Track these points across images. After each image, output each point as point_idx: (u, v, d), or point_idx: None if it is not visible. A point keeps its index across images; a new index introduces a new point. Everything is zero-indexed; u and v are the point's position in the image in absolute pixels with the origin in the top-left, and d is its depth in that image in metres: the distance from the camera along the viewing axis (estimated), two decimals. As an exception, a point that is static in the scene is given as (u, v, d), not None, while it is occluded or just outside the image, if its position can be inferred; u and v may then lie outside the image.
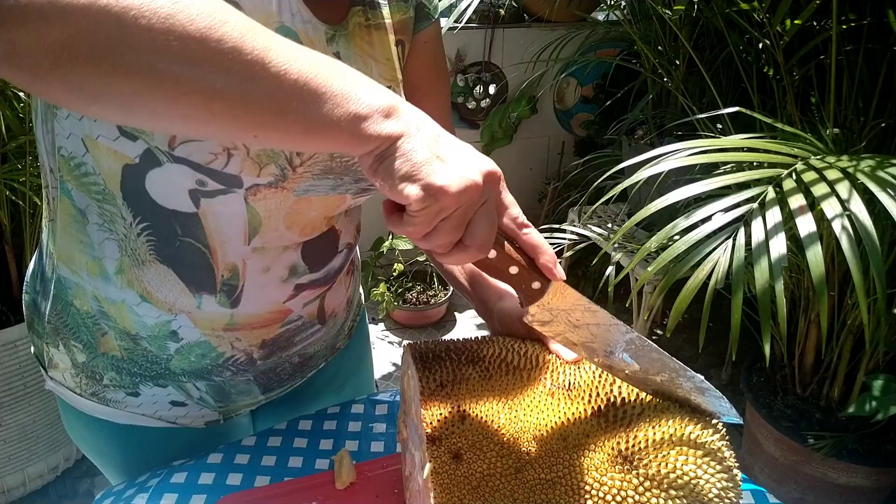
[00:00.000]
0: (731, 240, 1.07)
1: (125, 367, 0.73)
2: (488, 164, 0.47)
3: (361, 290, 0.98)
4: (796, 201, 1.02)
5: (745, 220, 1.07)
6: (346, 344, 0.93)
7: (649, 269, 1.16)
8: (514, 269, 0.51)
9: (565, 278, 0.53)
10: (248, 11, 0.57)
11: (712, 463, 0.52)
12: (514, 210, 0.51)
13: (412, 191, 0.43)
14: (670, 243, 1.10)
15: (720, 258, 1.07)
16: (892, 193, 0.97)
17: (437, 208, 0.44)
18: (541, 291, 0.53)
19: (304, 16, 0.62)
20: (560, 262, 0.54)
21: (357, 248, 0.85)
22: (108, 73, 0.37)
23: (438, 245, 0.47)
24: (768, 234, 1.02)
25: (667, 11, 1.75)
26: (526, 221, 0.51)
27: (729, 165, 1.30)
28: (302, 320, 0.77)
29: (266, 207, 0.65)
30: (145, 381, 0.74)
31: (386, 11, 0.71)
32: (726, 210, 1.09)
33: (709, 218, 1.10)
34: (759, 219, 1.05)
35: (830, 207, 0.98)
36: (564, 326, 0.54)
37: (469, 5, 1.70)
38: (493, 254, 0.50)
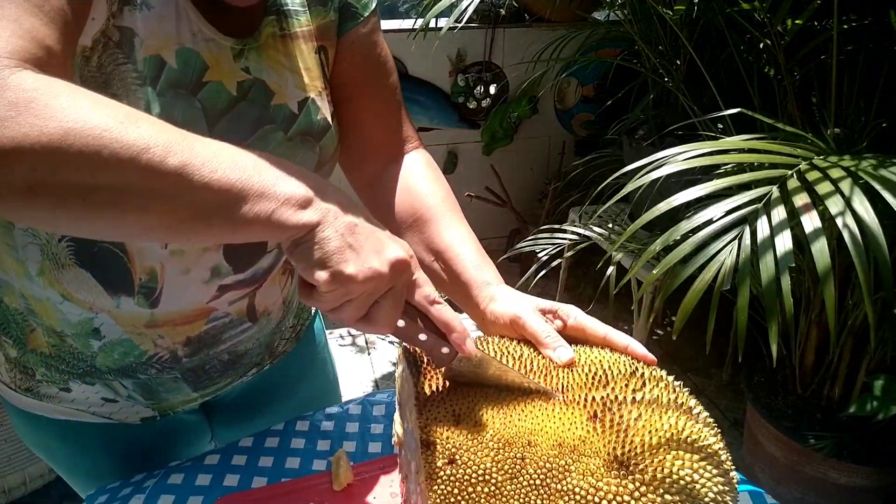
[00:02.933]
0: (737, 241, 1.07)
1: (53, 363, 0.74)
2: (398, 253, 0.50)
3: None
4: (801, 199, 1.02)
5: (749, 220, 1.07)
6: (292, 347, 0.91)
7: (654, 272, 1.16)
8: (423, 336, 0.55)
9: (475, 353, 0.55)
10: (145, 36, 0.57)
11: (709, 467, 0.52)
12: (427, 289, 0.54)
13: (322, 276, 0.48)
14: (674, 245, 1.10)
15: (726, 259, 1.07)
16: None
17: (342, 292, 0.48)
18: (450, 356, 0.55)
19: (206, 34, 0.61)
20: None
21: None
22: (46, 207, 0.41)
23: (342, 319, 0.51)
24: (773, 232, 1.03)
25: (667, 11, 1.75)
26: (437, 298, 0.55)
27: (730, 166, 1.29)
28: (230, 317, 0.76)
29: None
30: (74, 379, 0.75)
31: (304, 19, 0.70)
32: (730, 211, 1.09)
33: (711, 221, 1.10)
34: (764, 218, 1.05)
35: (835, 205, 0.99)
36: (477, 384, 0.57)
37: (469, 5, 1.70)
38: (401, 323, 0.54)
